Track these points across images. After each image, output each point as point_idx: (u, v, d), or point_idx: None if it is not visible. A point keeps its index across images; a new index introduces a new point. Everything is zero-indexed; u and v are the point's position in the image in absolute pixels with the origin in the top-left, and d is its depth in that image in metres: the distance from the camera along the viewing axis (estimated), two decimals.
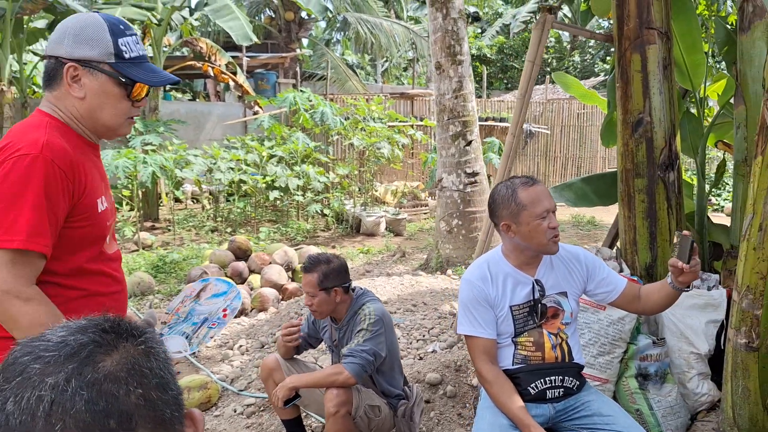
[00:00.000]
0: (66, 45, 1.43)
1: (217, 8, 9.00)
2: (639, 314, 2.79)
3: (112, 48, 1.44)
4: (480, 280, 2.15)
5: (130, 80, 1.46)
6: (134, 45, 1.49)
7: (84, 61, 1.43)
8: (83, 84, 1.44)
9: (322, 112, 9.42)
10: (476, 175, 6.28)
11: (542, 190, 2.11)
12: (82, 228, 1.44)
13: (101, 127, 1.51)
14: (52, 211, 1.34)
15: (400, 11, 22.55)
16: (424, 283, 5.43)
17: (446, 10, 6.00)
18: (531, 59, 3.35)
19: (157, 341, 0.75)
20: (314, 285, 2.52)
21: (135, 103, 1.52)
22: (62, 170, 1.36)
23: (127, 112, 1.51)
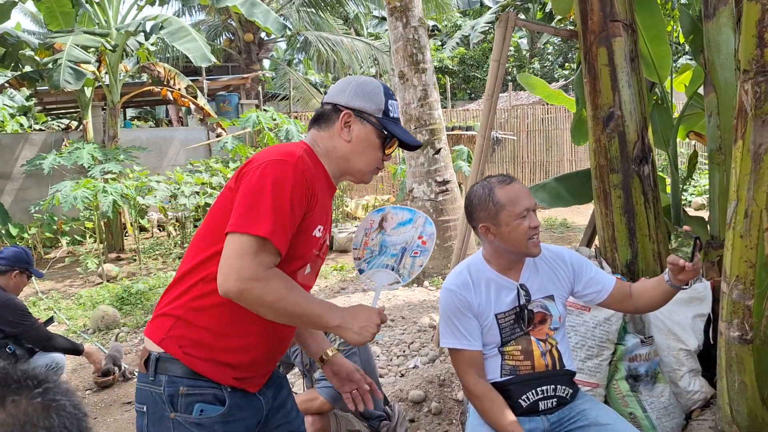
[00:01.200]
0: (347, 95, 1.63)
1: (172, 31, 8.79)
2: (631, 313, 2.68)
3: (383, 105, 1.64)
4: (461, 288, 2.01)
5: (390, 134, 1.63)
6: (396, 109, 1.69)
7: (359, 111, 1.62)
8: (352, 130, 1.62)
9: (287, 130, 9.26)
10: (447, 183, 6.18)
11: (520, 188, 1.98)
12: (296, 243, 1.52)
13: (353, 169, 1.65)
14: (293, 213, 1.45)
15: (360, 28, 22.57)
16: (401, 297, 5.29)
17: (406, 19, 5.92)
18: (496, 58, 3.26)
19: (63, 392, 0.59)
20: None
21: (384, 156, 1.67)
22: (307, 181, 1.49)
23: (377, 162, 1.66)
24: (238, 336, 1.52)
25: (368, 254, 1.72)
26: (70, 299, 6.59)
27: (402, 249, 1.72)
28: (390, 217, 1.74)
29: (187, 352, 1.50)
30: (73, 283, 7.58)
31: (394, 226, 1.72)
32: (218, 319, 1.50)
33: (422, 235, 1.75)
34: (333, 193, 1.71)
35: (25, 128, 16.32)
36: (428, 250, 1.73)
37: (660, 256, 3.10)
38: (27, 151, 10.46)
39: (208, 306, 1.50)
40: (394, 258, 1.72)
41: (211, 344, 1.50)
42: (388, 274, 1.71)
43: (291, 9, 15.96)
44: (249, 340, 1.54)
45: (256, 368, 1.58)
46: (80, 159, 8.40)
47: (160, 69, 9.67)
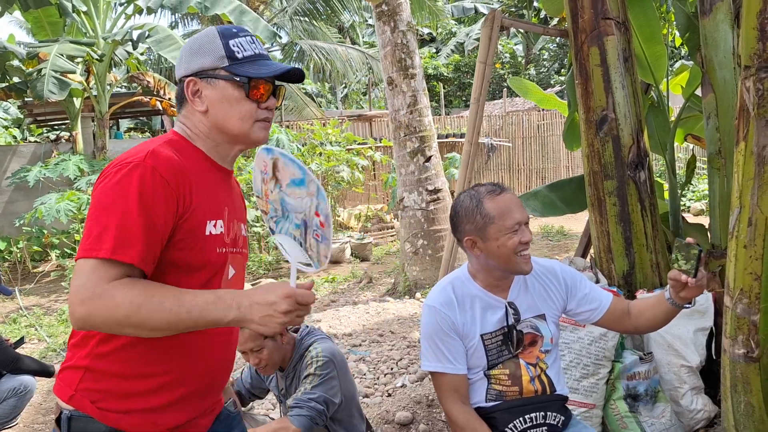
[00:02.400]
0: (184, 63, 1.40)
1: (159, 39, 8.65)
2: (629, 333, 2.49)
3: (223, 51, 1.36)
4: (445, 306, 1.82)
5: (246, 78, 1.35)
6: (248, 44, 1.39)
7: (200, 73, 1.37)
8: (204, 96, 1.37)
9: (278, 140, 9.11)
10: (439, 191, 6.02)
11: (512, 198, 1.79)
12: (182, 250, 1.29)
13: (229, 136, 1.40)
14: (149, 219, 1.21)
15: (356, 37, 22.53)
16: (391, 310, 5.11)
17: (394, 23, 5.78)
18: (482, 60, 3.10)
19: None
20: (256, 336, 2.18)
21: (261, 105, 1.38)
22: (164, 178, 1.24)
23: (254, 114, 1.38)
24: (156, 375, 1.30)
25: (272, 211, 1.38)
26: (53, 315, 6.40)
27: (303, 221, 1.35)
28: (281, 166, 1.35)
29: (103, 406, 1.28)
30: (58, 298, 7.39)
31: (287, 182, 1.35)
32: (129, 362, 1.28)
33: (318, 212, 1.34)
34: (227, 176, 1.45)
35: (18, 140, 16.18)
36: (327, 239, 1.33)
37: (658, 266, 2.94)
38: (15, 163, 10.29)
39: (115, 349, 1.28)
40: (299, 230, 1.36)
41: (128, 392, 1.28)
42: (299, 248, 1.35)
43: (284, 18, 15.87)
44: (171, 376, 1.31)
45: (191, 408, 1.36)
46: (66, 171, 8.23)
47: (150, 79, 9.53)
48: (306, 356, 2.25)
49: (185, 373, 1.33)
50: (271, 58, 1.60)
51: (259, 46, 1.41)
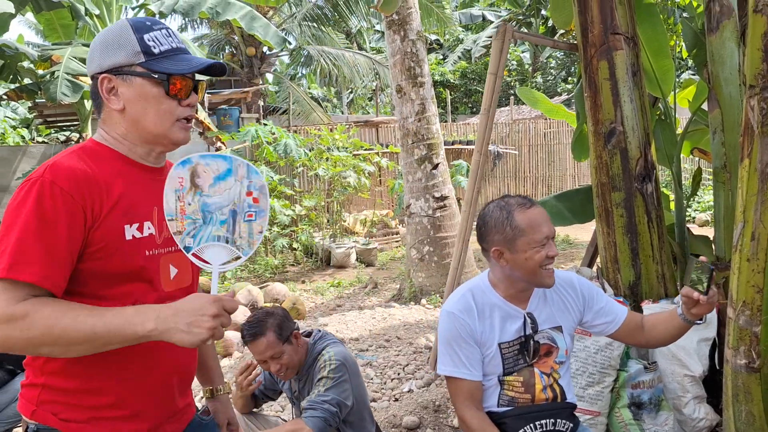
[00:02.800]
0: (96, 59, 1.32)
1: None
2: (641, 347, 2.54)
3: (138, 46, 1.30)
4: (464, 313, 1.86)
5: (164, 74, 1.29)
6: (164, 38, 1.33)
7: (114, 69, 1.30)
8: (120, 94, 1.31)
9: (286, 144, 9.18)
10: (445, 198, 6.08)
11: (541, 213, 1.83)
12: (100, 260, 1.25)
13: (150, 136, 1.34)
14: (47, 235, 1.17)
15: (363, 42, 22.62)
16: (397, 316, 5.17)
17: (404, 32, 5.86)
18: (493, 72, 3.17)
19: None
20: (276, 343, 2.25)
21: (181, 102, 1.34)
22: (65, 190, 1.19)
23: (173, 113, 1.33)
24: (111, 388, 1.29)
25: (190, 225, 1.30)
26: None
27: (231, 212, 1.32)
28: (201, 170, 1.30)
29: (64, 417, 1.28)
30: None
31: (210, 182, 1.30)
32: (81, 377, 1.27)
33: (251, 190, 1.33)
34: (156, 175, 1.39)
35: (26, 141, 16.32)
36: (264, 211, 1.32)
37: (664, 277, 2.99)
38: (25, 163, 10.41)
39: (64, 365, 1.27)
40: (225, 225, 1.31)
41: (87, 404, 1.28)
42: (223, 248, 1.32)
43: (293, 24, 15.97)
44: (127, 385, 1.31)
45: (152, 415, 1.35)
46: None
47: None
48: (319, 359, 2.31)
49: (140, 382, 1.32)
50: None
51: (176, 40, 1.35)
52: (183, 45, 1.37)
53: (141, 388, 1.33)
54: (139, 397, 1.32)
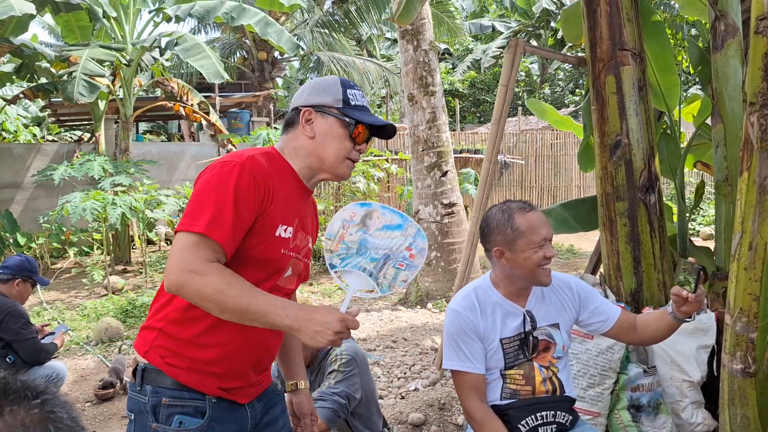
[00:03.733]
0: (305, 95, 1.64)
1: (187, 47, 8.90)
2: (635, 345, 2.66)
3: (341, 95, 1.63)
4: (468, 311, 2.00)
5: (353, 120, 1.61)
6: (360, 97, 1.66)
7: (318, 106, 1.62)
8: (314, 125, 1.62)
9: None
10: (453, 205, 6.19)
11: (540, 216, 1.98)
12: (257, 245, 1.52)
13: (323, 164, 1.63)
14: (237, 209, 1.45)
15: (373, 50, 22.80)
16: (403, 318, 5.27)
17: (417, 42, 5.99)
18: (504, 84, 3.29)
19: (62, 404, 0.59)
20: None
21: (356, 146, 1.63)
22: (256, 179, 1.49)
23: (348, 153, 1.63)
24: (216, 345, 1.53)
25: (343, 250, 1.57)
26: (74, 310, 6.61)
27: (385, 256, 1.58)
28: (376, 216, 1.58)
29: (170, 362, 1.52)
30: (78, 294, 7.61)
31: (379, 227, 1.58)
32: (195, 330, 1.52)
33: (411, 247, 1.59)
34: (306, 195, 1.69)
35: (38, 138, 16.51)
36: (416, 266, 1.58)
37: (665, 285, 3.09)
38: (38, 161, 10.57)
39: (187, 318, 1.52)
40: (375, 263, 1.57)
41: (191, 355, 1.52)
42: (365, 279, 1.56)
43: (305, 29, 16.17)
44: (228, 349, 1.54)
45: (240, 377, 1.59)
46: (91, 171, 8.47)
47: (174, 84, 9.79)
48: (330, 353, 2.42)
49: (239, 348, 1.56)
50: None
51: (366, 101, 1.68)
52: (369, 107, 1.69)
53: (236, 355, 1.56)
54: (233, 362, 1.56)
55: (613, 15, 3.01)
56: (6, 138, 14.79)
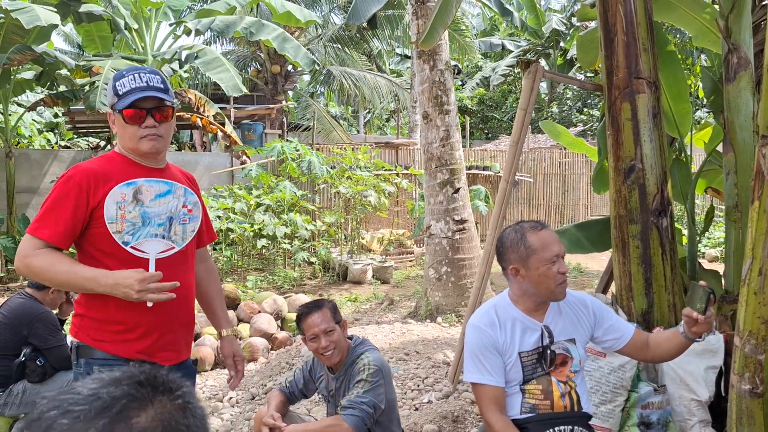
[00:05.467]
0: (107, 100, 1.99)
1: (207, 61, 9.11)
2: (646, 362, 2.76)
3: (113, 91, 1.94)
4: (488, 326, 2.11)
5: (119, 110, 1.91)
6: (129, 81, 1.91)
7: (111, 107, 1.96)
8: (115, 124, 1.96)
9: (309, 161, 9.47)
10: (465, 222, 6.30)
11: (551, 234, 2.11)
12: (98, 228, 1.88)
13: (131, 149, 1.96)
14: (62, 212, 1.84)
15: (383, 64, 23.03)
16: (415, 332, 5.37)
17: (433, 62, 6.14)
18: (523, 107, 3.41)
19: (194, 395, 0.71)
20: (330, 319, 2.51)
21: (141, 125, 1.91)
22: (78, 184, 1.85)
23: (137, 134, 1.92)
24: (127, 319, 1.90)
25: (129, 227, 1.88)
26: None
27: (168, 218, 1.94)
28: (145, 189, 1.91)
29: (96, 338, 1.90)
30: None
31: (152, 198, 1.91)
32: (107, 310, 1.89)
33: (186, 204, 1.98)
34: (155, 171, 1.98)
35: (52, 144, 16.73)
36: (197, 217, 2.00)
37: (675, 307, 3.19)
38: (55, 167, 10.75)
39: (93, 304, 1.90)
40: (162, 227, 1.92)
41: (111, 329, 1.90)
42: (160, 242, 1.91)
43: (318, 44, 16.39)
44: (134, 319, 1.90)
45: (154, 340, 1.93)
46: None
47: (191, 96, 9.98)
48: (358, 363, 2.53)
49: (142, 316, 1.90)
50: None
51: (138, 80, 1.92)
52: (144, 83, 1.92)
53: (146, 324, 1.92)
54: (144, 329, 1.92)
55: (630, 44, 3.14)
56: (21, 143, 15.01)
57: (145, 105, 1.91)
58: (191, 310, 2.08)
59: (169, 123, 2.00)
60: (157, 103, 1.93)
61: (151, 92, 1.90)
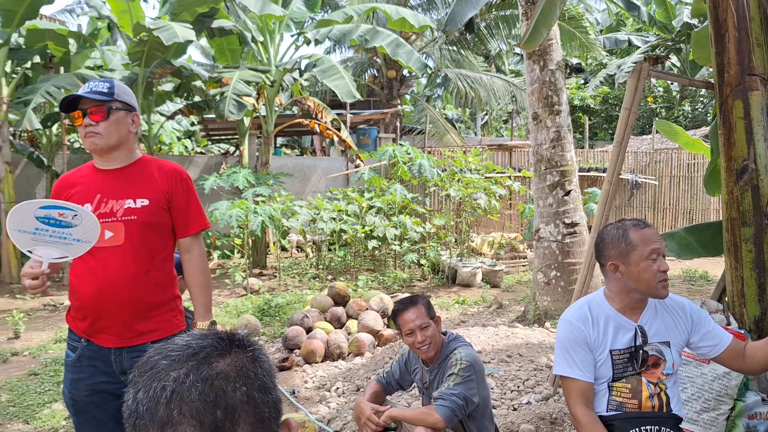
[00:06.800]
0: None
1: (324, 69, 9.58)
2: (743, 373, 2.63)
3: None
4: (580, 321, 2.14)
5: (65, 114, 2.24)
6: (79, 89, 2.19)
7: None
8: None
9: (420, 164, 9.64)
10: (575, 225, 6.17)
11: (653, 232, 2.11)
12: None
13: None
14: None
15: (502, 65, 22.80)
16: (520, 335, 5.35)
17: (543, 62, 6.08)
18: (627, 107, 3.35)
19: (264, 353, 0.88)
20: (425, 314, 2.64)
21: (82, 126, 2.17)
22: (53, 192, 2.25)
23: (81, 132, 2.19)
24: (75, 300, 2.19)
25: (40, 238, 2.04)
26: (218, 307, 7.33)
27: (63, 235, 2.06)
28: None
29: (70, 315, 2.25)
30: (221, 292, 8.40)
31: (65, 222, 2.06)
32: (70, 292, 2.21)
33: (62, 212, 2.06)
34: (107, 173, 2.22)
35: (189, 150, 18.24)
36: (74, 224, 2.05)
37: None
38: (191, 171, 11.76)
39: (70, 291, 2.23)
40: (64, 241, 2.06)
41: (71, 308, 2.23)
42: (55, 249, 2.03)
43: (434, 47, 16.59)
44: (79, 302, 2.17)
45: (90, 323, 2.16)
46: (236, 182, 9.34)
47: (311, 103, 10.52)
48: (451, 357, 2.63)
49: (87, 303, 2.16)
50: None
51: (85, 87, 2.16)
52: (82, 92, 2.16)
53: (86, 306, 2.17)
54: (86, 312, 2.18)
55: (742, 40, 3.00)
56: (162, 149, 16.51)
57: (83, 106, 2.15)
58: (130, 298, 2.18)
59: (108, 121, 2.17)
60: (93, 104, 2.15)
61: (89, 95, 2.14)
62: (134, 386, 0.84)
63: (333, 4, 15.99)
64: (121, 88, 2.24)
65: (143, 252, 2.21)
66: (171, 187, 2.29)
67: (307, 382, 4.76)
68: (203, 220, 2.41)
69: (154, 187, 2.25)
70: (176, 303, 2.38)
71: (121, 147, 2.25)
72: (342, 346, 5.27)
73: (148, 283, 2.22)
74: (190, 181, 2.38)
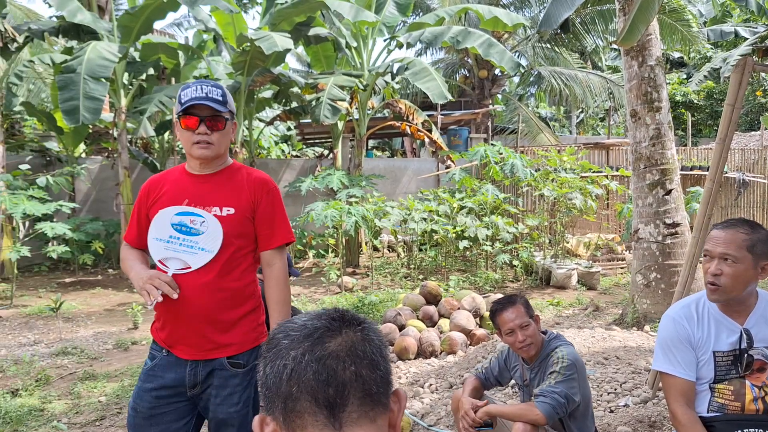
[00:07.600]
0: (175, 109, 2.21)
1: (416, 71, 9.70)
2: None
3: (179, 100, 2.14)
4: (685, 319, 2.12)
5: (177, 116, 2.15)
6: (192, 92, 2.11)
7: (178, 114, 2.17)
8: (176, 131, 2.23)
9: (512, 164, 9.55)
10: (677, 225, 5.93)
11: (719, 232, 2.06)
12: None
13: (187, 155, 2.22)
14: (134, 216, 2.28)
15: (598, 61, 22.05)
16: (617, 338, 5.22)
17: (642, 58, 5.90)
18: (730, 103, 3.22)
19: (374, 329, 0.98)
20: (524, 314, 2.67)
21: (194, 132, 2.12)
22: (142, 191, 2.27)
23: (190, 139, 2.14)
24: (161, 315, 2.21)
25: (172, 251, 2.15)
26: (315, 304, 7.63)
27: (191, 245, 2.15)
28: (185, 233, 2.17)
29: (154, 326, 2.28)
30: (317, 290, 8.73)
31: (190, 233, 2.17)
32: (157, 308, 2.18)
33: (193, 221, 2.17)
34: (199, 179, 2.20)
35: (286, 154, 18.96)
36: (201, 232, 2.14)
37: None
38: (288, 174, 12.26)
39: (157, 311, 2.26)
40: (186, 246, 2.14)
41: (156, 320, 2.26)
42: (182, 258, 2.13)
43: (527, 45, 16.33)
44: (165, 317, 2.19)
45: (173, 335, 2.17)
46: (331, 183, 9.66)
47: (402, 106, 10.69)
48: (552, 356, 2.64)
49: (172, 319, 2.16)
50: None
51: (198, 90, 2.10)
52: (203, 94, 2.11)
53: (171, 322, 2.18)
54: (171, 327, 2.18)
55: None
56: (261, 153, 17.27)
57: (200, 113, 2.09)
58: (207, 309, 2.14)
59: (222, 132, 2.14)
60: (211, 113, 2.10)
61: (207, 102, 2.08)
62: (263, 360, 0.96)
63: (425, 6, 16.10)
64: (228, 94, 2.21)
65: (224, 262, 2.15)
66: (257, 197, 2.21)
67: (400, 378, 4.89)
68: (288, 233, 2.28)
69: (241, 196, 2.19)
70: (256, 315, 2.28)
71: (224, 155, 2.24)
72: (434, 344, 5.36)
73: (226, 294, 2.14)
74: (277, 192, 2.30)
